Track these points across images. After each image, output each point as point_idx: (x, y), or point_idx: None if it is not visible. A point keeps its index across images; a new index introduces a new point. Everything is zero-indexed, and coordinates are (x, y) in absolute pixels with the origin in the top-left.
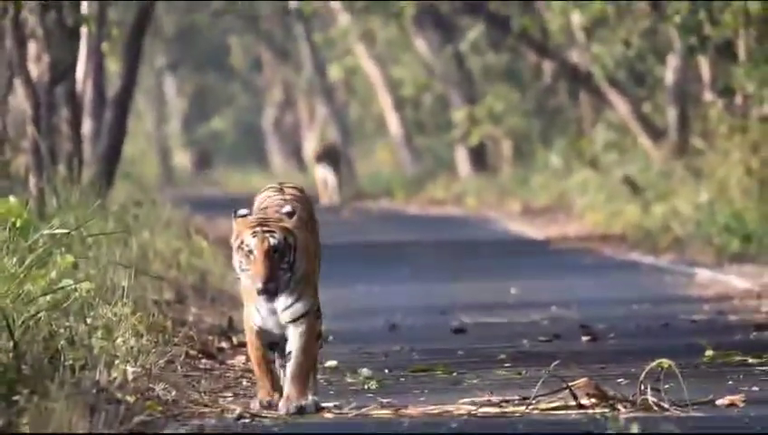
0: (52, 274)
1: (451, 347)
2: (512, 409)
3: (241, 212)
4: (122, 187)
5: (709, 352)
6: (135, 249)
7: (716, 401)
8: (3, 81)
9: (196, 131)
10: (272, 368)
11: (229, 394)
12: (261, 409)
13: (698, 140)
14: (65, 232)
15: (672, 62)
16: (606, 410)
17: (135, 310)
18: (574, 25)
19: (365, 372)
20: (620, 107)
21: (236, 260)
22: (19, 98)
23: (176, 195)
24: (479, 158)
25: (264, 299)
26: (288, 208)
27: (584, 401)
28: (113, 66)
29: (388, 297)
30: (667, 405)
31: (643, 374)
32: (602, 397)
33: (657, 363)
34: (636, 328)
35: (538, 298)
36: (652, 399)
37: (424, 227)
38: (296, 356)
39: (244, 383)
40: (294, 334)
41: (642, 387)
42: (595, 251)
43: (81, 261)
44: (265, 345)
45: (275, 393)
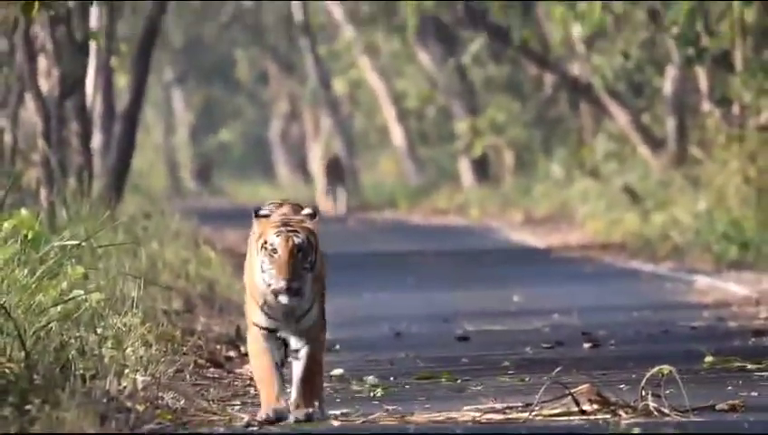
0: (63, 284)
1: (455, 354)
2: (515, 415)
3: (263, 212)
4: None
5: (709, 358)
6: (144, 260)
7: (716, 407)
8: (13, 95)
9: (203, 143)
10: (277, 375)
11: (237, 402)
12: (268, 422)
13: (696, 149)
14: (76, 243)
15: (670, 72)
16: (608, 415)
17: (144, 320)
18: (574, 37)
19: (371, 379)
20: (620, 117)
21: (258, 260)
22: (29, 111)
23: (184, 206)
24: (482, 168)
25: (287, 298)
26: (309, 210)
27: (586, 407)
28: (122, 80)
29: (393, 306)
30: (667, 410)
31: (644, 380)
32: (604, 403)
33: (657, 370)
34: (636, 335)
35: (540, 306)
36: (653, 404)
37: (427, 237)
38: (306, 363)
39: (252, 392)
40: (305, 340)
41: (643, 393)
42: (596, 259)
43: (91, 272)
44: (271, 350)
45: (282, 400)
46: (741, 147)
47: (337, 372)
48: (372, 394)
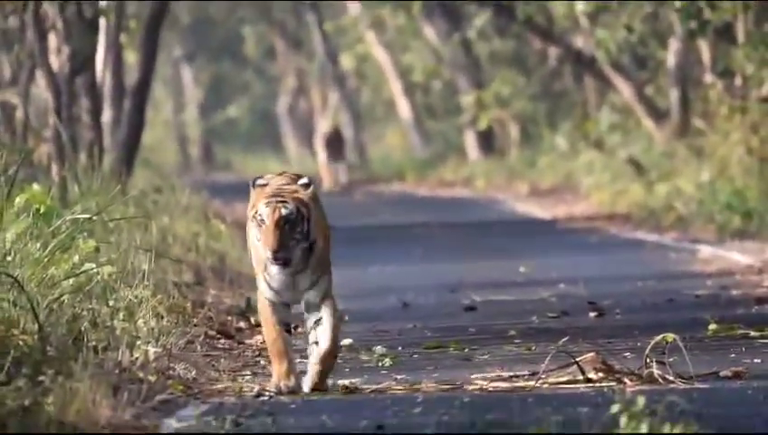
0: (75, 258)
1: (462, 324)
2: (522, 383)
3: (260, 181)
4: (142, 173)
5: (712, 326)
6: (155, 233)
7: (720, 373)
8: (25, 72)
9: (212, 119)
10: (288, 348)
11: (248, 373)
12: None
13: (699, 120)
14: (87, 217)
15: (673, 45)
16: (613, 383)
17: (155, 292)
18: (578, 11)
19: (379, 349)
20: (624, 90)
21: (252, 230)
22: (41, 88)
23: (193, 181)
24: (487, 141)
25: (277, 269)
26: (305, 180)
27: (592, 375)
28: (131, 57)
29: (401, 277)
30: (672, 378)
31: (648, 348)
32: (609, 371)
33: (661, 337)
34: (641, 304)
35: (546, 276)
36: (657, 372)
37: (434, 209)
38: (326, 337)
39: (262, 362)
40: (322, 313)
41: (648, 360)
42: (601, 230)
43: (102, 245)
44: (280, 322)
45: (292, 377)
46: (743, 118)
47: (346, 342)
48: (381, 364)
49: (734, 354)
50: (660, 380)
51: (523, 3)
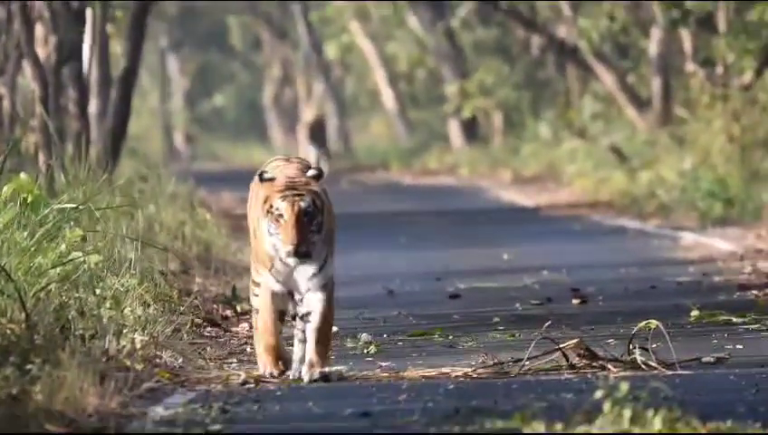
0: (62, 247)
1: (447, 312)
2: (506, 370)
3: (267, 176)
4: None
5: (695, 313)
6: (141, 222)
7: (702, 359)
8: (11, 62)
9: (198, 108)
10: (279, 337)
11: (234, 361)
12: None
13: (681, 109)
14: (74, 207)
15: (655, 34)
16: (596, 369)
17: (142, 281)
18: (561, 1)
19: (364, 336)
20: (606, 79)
21: (265, 225)
22: (27, 78)
23: (180, 169)
24: (471, 129)
25: (296, 262)
26: (314, 172)
27: (575, 362)
28: (118, 47)
29: (386, 265)
30: (654, 364)
31: (632, 335)
32: (592, 357)
33: (644, 324)
34: (624, 290)
35: (530, 263)
36: (640, 358)
37: (419, 197)
38: (319, 323)
39: (248, 350)
40: (317, 301)
41: (631, 347)
42: (584, 217)
43: (89, 234)
44: (277, 313)
45: (281, 365)
46: (725, 106)
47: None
48: (366, 351)
49: (716, 340)
50: (643, 366)
51: None
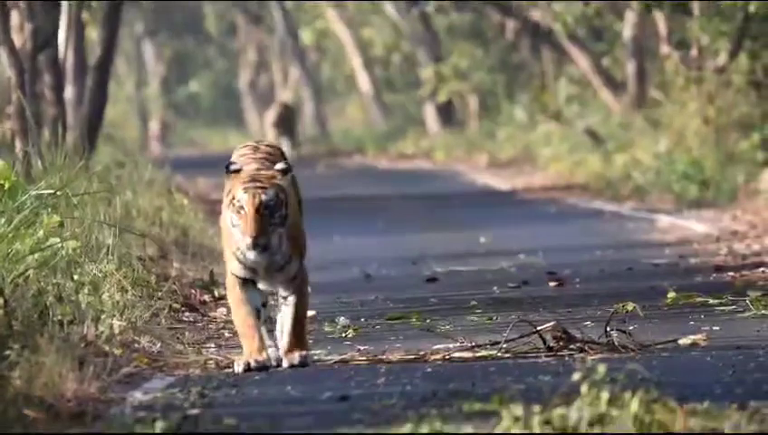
0: (40, 233)
1: (424, 295)
2: (484, 353)
3: (234, 167)
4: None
5: (671, 295)
6: (119, 208)
7: (679, 341)
8: None
9: (174, 94)
10: (258, 325)
11: (212, 345)
12: (250, 371)
13: (656, 91)
14: (51, 193)
15: (630, 17)
16: (574, 352)
17: (120, 266)
18: None
19: (342, 320)
20: (581, 62)
21: (228, 216)
22: (4, 66)
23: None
24: (447, 113)
25: (254, 254)
26: (282, 165)
27: (552, 344)
28: (94, 34)
29: (363, 249)
30: (632, 346)
31: (609, 317)
32: (570, 339)
33: (621, 306)
34: (600, 273)
35: (506, 247)
36: (617, 340)
37: (395, 181)
38: (295, 310)
39: (227, 335)
40: (290, 288)
41: (608, 329)
42: (559, 200)
43: (67, 220)
44: (251, 301)
45: (264, 353)
46: (699, 89)
47: (309, 313)
48: (344, 335)
49: (692, 322)
50: (620, 348)
51: None
